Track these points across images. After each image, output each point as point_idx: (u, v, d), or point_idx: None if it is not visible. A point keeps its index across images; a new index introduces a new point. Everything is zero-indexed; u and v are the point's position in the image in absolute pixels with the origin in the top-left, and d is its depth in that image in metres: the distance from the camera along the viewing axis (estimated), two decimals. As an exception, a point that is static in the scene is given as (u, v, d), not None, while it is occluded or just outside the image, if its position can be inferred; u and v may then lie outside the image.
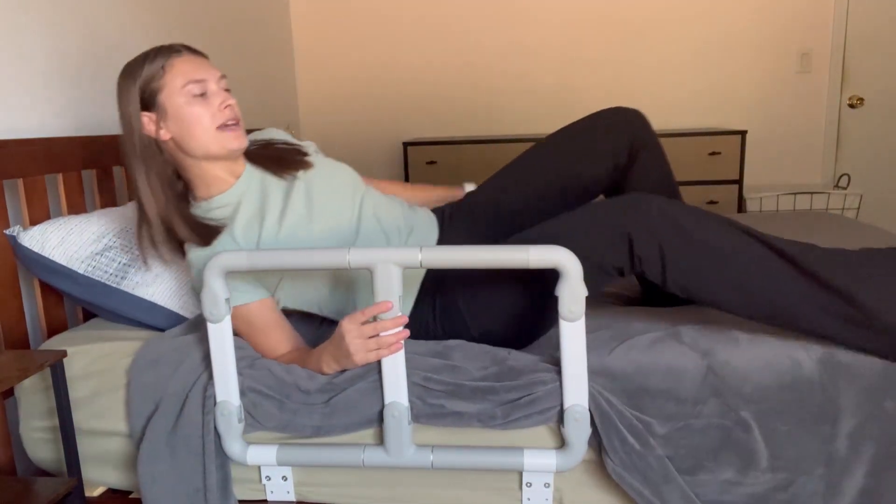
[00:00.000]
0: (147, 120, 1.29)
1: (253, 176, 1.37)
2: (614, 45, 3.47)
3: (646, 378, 1.18)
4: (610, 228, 1.17)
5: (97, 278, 1.46)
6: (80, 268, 1.46)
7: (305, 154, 1.45)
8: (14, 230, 1.46)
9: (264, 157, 1.41)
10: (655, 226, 1.15)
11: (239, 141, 1.31)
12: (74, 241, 1.48)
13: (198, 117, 1.27)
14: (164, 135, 1.30)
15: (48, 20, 1.75)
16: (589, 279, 1.14)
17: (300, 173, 1.39)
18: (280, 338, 1.32)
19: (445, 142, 3.23)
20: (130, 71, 1.30)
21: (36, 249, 1.44)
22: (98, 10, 1.96)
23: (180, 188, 1.38)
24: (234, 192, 1.34)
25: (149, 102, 1.28)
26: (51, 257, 1.44)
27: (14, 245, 1.45)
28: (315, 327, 1.49)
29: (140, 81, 1.28)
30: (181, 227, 1.29)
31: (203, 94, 1.28)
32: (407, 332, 1.14)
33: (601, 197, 1.56)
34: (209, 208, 1.34)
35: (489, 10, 3.51)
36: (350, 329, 1.14)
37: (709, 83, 3.46)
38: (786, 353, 1.18)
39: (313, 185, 1.37)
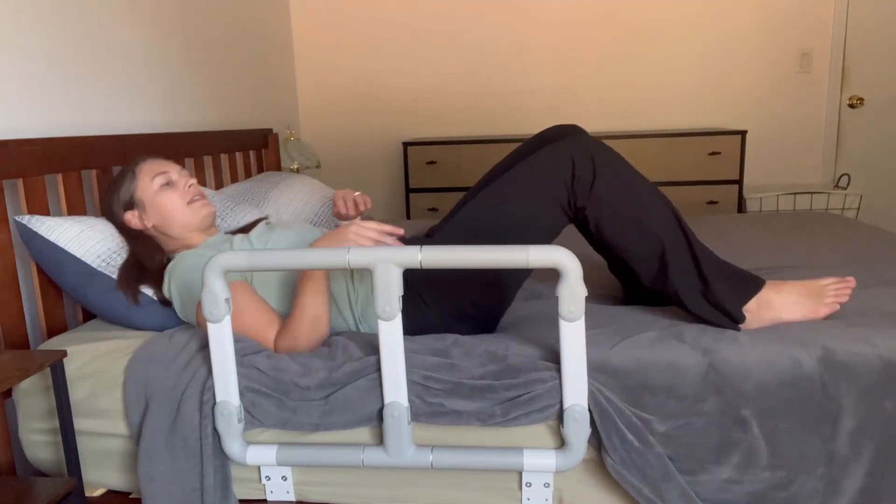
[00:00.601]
0: (131, 216, 1.53)
1: (225, 236, 1.60)
2: (614, 46, 3.47)
3: (646, 375, 1.18)
4: (557, 157, 1.35)
5: (109, 273, 1.47)
6: (93, 262, 1.47)
7: (265, 216, 1.76)
8: (27, 218, 1.46)
9: (232, 230, 1.73)
10: (592, 150, 1.33)
11: (208, 208, 1.56)
12: (91, 237, 1.50)
13: (170, 200, 1.52)
14: (148, 223, 1.53)
15: (48, 20, 1.75)
16: (544, 217, 1.35)
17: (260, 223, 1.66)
18: (270, 315, 1.36)
19: (445, 142, 3.23)
20: (110, 188, 1.55)
21: (52, 239, 1.45)
22: (98, 11, 1.96)
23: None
24: (209, 241, 1.55)
25: (130, 203, 1.53)
26: (66, 248, 1.46)
27: (24, 233, 1.45)
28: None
29: (120, 191, 1.53)
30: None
31: (168, 183, 1.53)
32: (398, 238, 1.31)
33: None
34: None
35: (489, 10, 3.51)
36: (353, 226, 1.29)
37: (709, 83, 3.46)
38: (786, 352, 1.18)
39: (274, 225, 1.63)
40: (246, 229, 1.68)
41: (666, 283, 1.33)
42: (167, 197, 1.51)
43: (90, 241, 1.49)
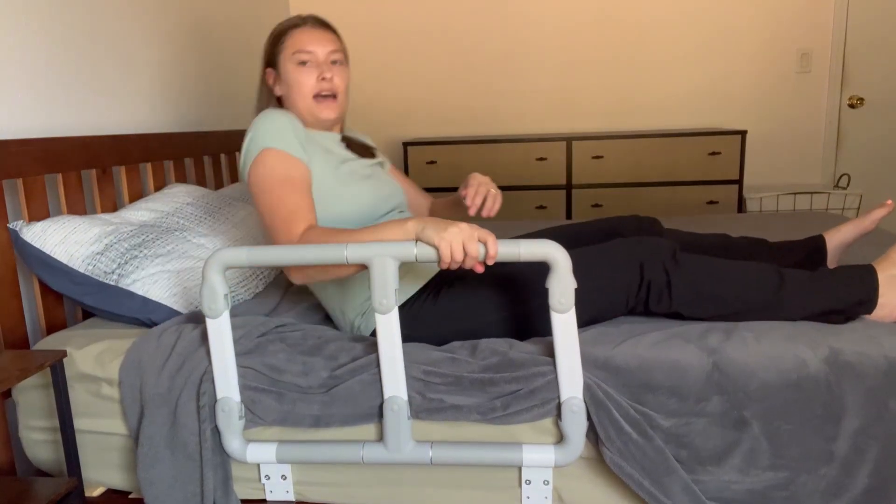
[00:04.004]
0: (268, 75, 1.49)
1: (338, 142, 1.51)
2: (614, 45, 3.48)
3: (649, 374, 1.18)
4: (623, 255, 1.30)
5: (96, 277, 1.46)
6: (79, 266, 1.46)
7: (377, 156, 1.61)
8: (16, 225, 1.46)
9: (353, 141, 1.57)
10: (661, 254, 1.29)
11: (329, 111, 1.44)
12: (76, 240, 1.48)
13: (298, 84, 1.42)
14: (278, 91, 1.48)
15: (48, 20, 1.76)
16: (599, 303, 1.30)
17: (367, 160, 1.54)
18: (305, 204, 1.27)
19: (445, 142, 3.23)
20: (272, 31, 1.49)
21: (37, 245, 1.45)
22: (98, 11, 1.96)
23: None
24: (316, 136, 1.45)
25: (272, 61, 1.47)
26: (52, 254, 1.45)
27: (15, 240, 1.46)
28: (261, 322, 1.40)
29: (271, 41, 1.47)
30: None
31: (306, 63, 1.42)
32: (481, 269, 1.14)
33: None
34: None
35: (489, 10, 3.51)
36: (464, 224, 1.12)
37: (709, 83, 3.46)
38: (792, 352, 1.17)
39: (381, 166, 1.55)
40: (363, 150, 1.55)
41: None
42: (297, 79, 1.42)
43: (75, 246, 1.48)
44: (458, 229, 1.10)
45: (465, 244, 1.09)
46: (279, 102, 1.50)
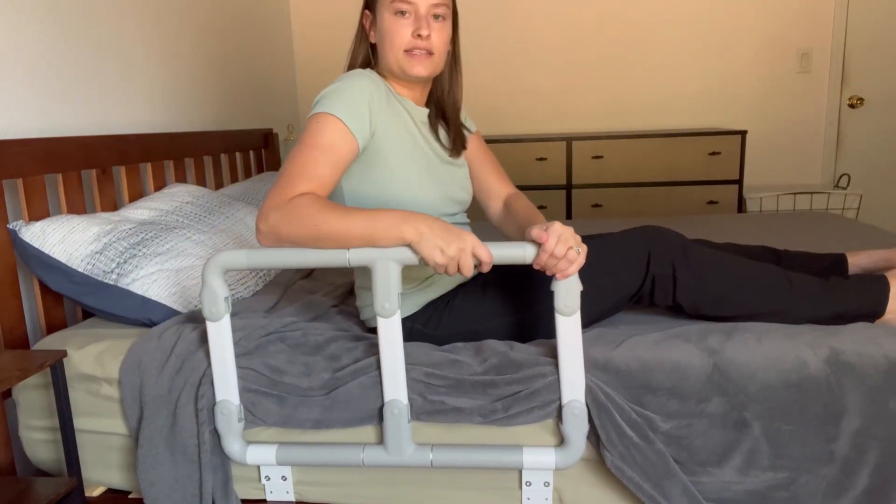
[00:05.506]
0: (364, 17, 1.36)
1: (421, 114, 1.38)
2: (614, 46, 3.47)
3: (649, 375, 1.17)
4: (631, 248, 1.28)
5: (95, 277, 1.46)
6: (78, 266, 1.46)
7: (463, 147, 1.48)
8: (16, 225, 1.46)
9: (446, 122, 1.43)
10: (671, 247, 1.28)
11: (420, 67, 1.30)
12: (75, 240, 1.48)
13: (391, 35, 1.29)
14: (372, 37, 1.35)
15: (48, 20, 1.75)
16: (603, 297, 1.29)
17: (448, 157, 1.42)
18: (324, 175, 1.18)
19: (445, 142, 3.22)
20: None
21: (36, 245, 1.45)
22: (98, 11, 1.96)
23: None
24: (395, 105, 1.33)
25: (371, 4, 1.34)
26: (51, 254, 1.45)
27: (14, 240, 1.46)
28: (261, 316, 1.41)
29: None
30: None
31: (405, 14, 1.28)
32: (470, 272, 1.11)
33: None
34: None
35: (489, 10, 3.51)
36: (466, 240, 1.10)
37: (709, 83, 3.46)
38: (792, 353, 1.17)
39: (444, 171, 1.40)
40: (455, 143, 1.42)
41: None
42: (392, 29, 1.28)
43: (73, 245, 1.48)
44: (446, 246, 1.08)
45: (459, 259, 1.09)
46: (372, 50, 1.38)
